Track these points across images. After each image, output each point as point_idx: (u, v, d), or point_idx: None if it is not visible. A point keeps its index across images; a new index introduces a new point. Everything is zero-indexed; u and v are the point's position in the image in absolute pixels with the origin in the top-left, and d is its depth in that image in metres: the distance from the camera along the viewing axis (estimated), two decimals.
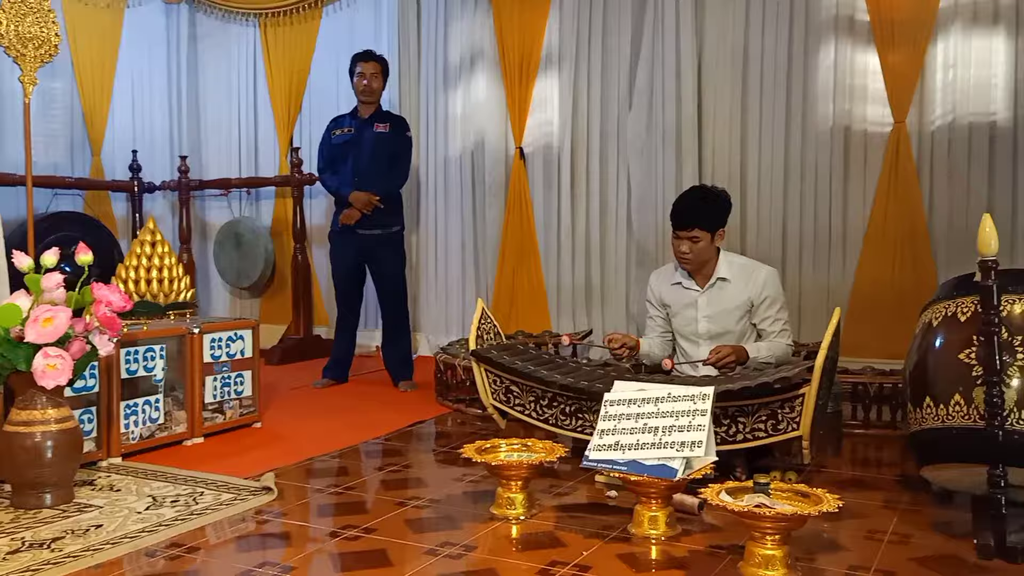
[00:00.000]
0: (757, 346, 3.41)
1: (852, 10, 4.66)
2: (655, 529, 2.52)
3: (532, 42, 5.55)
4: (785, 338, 3.48)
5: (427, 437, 3.93)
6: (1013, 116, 4.33)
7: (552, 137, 5.57)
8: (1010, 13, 4.31)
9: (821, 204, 4.78)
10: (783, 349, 3.45)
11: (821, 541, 2.48)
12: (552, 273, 5.61)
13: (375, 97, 4.94)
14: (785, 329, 3.50)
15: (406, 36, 6.01)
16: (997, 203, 4.35)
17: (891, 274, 4.56)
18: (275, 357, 5.90)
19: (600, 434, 2.69)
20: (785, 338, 3.48)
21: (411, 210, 6.03)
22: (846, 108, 4.70)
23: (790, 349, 3.51)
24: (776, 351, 3.41)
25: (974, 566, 2.29)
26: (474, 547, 2.45)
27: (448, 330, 5.93)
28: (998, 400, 2.28)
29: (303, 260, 6.24)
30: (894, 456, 3.44)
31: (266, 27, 6.61)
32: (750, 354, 3.35)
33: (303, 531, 2.63)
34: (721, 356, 3.29)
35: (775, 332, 3.47)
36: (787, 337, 3.50)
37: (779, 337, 3.46)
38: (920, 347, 2.64)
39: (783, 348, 3.45)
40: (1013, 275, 2.52)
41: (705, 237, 3.44)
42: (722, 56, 4.97)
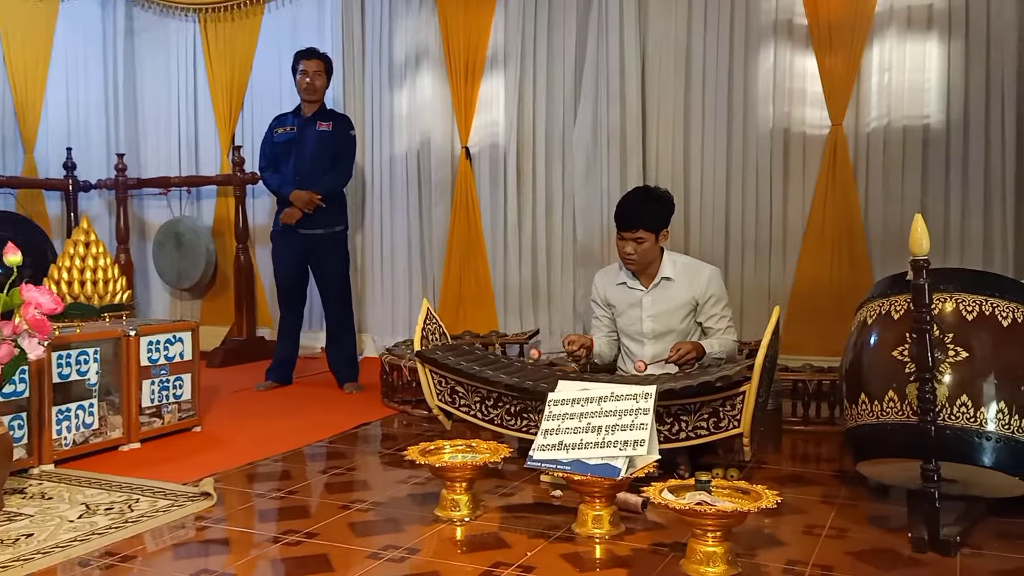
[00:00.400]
0: (710, 343, 3.46)
1: (791, 14, 4.75)
2: (599, 528, 2.53)
3: (477, 41, 5.54)
4: (732, 335, 3.55)
5: (372, 439, 3.90)
6: (946, 119, 4.45)
7: (498, 137, 5.56)
8: (943, 18, 4.43)
9: (762, 204, 4.86)
10: (731, 346, 3.51)
11: (762, 537, 2.52)
12: (499, 273, 5.61)
13: (318, 96, 4.88)
14: (731, 326, 3.56)
15: (350, 34, 5.95)
16: (930, 204, 4.47)
17: (829, 273, 4.66)
18: (217, 359, 5.80)
19: (544, 434, 2.70)
20: (732, 335, 3.55)
21: (356, 210, 5.98)
22: (785, 110, 4.78)
23: (736, 345, 3.58)
24: (726, 348, 3.47)
25: (908, 559, 2.34)
26: (418, 550, 2.44)
27: (394, 331, 5.90)
28: (930, 396, 2.33)
29: (246, 260, 6.14)
30: (832, 452, 3.51)
31: (206, 22, 6.49)
32: (705, 351, 3.40)
33: (243, 537, 2.59)
34: (682, 354, 3.33)
35: (721, 329, 3.52)
36: (733, 334, 3.56)
37: (726, 334, 3.52)
38: (855, 345, 2.70)
39: (731, 345, 3.51)
40: (944, 274, 2.58)
41: (650, 238, 3.46)
42: (665, 57, 5.02)
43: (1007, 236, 4.37)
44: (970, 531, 2.48)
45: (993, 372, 2.42)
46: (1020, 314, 2.49)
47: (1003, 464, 2.41)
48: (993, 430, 2.39)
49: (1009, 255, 4.36)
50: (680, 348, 3.35)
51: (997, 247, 4.38)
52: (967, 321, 2.47)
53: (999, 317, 2.47)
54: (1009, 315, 2.48)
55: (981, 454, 2.39)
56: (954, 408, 2.40)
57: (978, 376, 2.42)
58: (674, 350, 3.36)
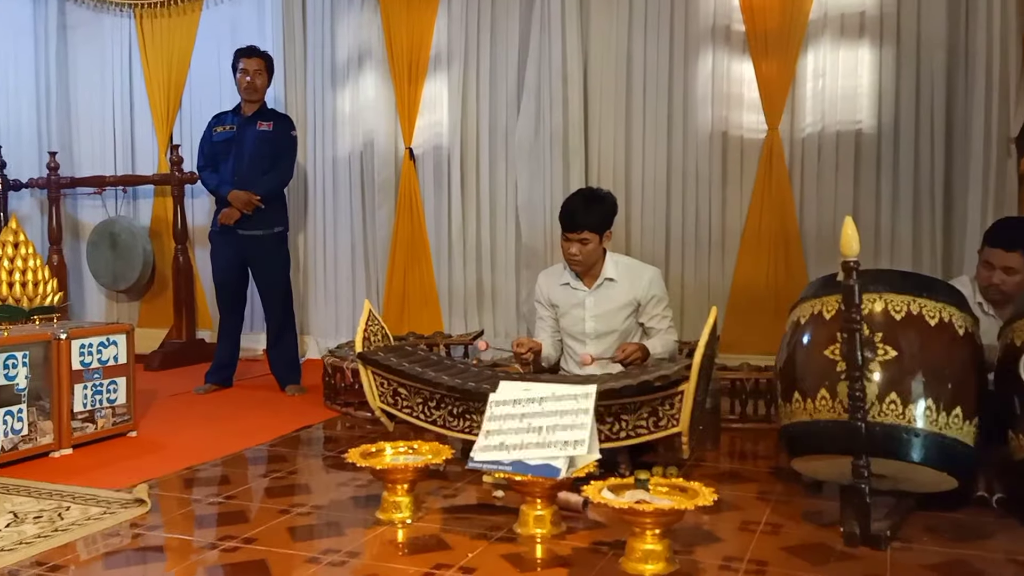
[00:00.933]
0: (653, 343, 3.51)
1: (729, 20, 4.83)
2: (540, 528, 2.54)
3: (421, 42, 5.52)
4: (672, 335, 3.61)
5: (314, 442, 3.86)
6: (877, 124, 4.57)
7: (442, 138, 5.55)
8: (874, 26, 4.55)
9: (701, 206, 4.93)
10: (672, 345, 3.58)
11: (700, 533, 2.56)
12: (443, 274, 5.60)
13: (259, 95, 4.82)
14: (672, 326, 3.63)
15: (291, 32, 5.88)
16: (862, 207, 4.59)
17: (766, 274, 4.75)
18: (155, 362, 5.69)
19: (485, 435, 2.70)
20: (672, 335, 3.61)
21: (298, 210, 5.92)
22: (724, 114, 4.86)
23: (676, 345, 3.64)
24: (668, 347, 3.53)
25: (840, 553, 2.40)
26: (358, 553, 2.42)
27: (337, 332, 5.85)
28: (860, 394, 2.39)
29: (185, 261, 6.03)
30: (769, 449, 3.58)
31: (142, 19, 6.36)
32: (650, 351, 3.45)
33: (179, 544, 2.54)
34: (628, 353, 3.38)
35: (663, 329, 3.58)
36: (674, 334, 3.63)
37: (667, 334, 3.58)
38: (789, 344, 2.76)
39: (672, 344, 3.58)
40: (873, 275, 2.66)
41: (594, 239, 3.50)
42: (607, 60, 5.07)
43: (936, 238, 4.50)
44: (900, 525, 2.55)
45: (921, 370, 2.49)
46: (947, 314, 2.57)
47: (931, 460, 2.48)
48: (921, 426, 2.46)
49: (937, 256, 4.50)
50: (626, 348, 3.40)
51: (926, 248, 4.52)
52: (896, 321, 2.54)
53: (926, 317, 2.55)
54: (936, 315, 2.55)
55: (910, 450, 2.46)
56: (883, 405, 2.47)
57: (906, 374, 2.49)
58: (620, 350, 3.41)
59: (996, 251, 3.09)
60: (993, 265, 3.09)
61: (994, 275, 3.09)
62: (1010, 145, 4.27)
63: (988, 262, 3.11)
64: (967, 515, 2.67)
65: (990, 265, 3.10)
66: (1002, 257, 3.07)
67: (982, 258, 3.15)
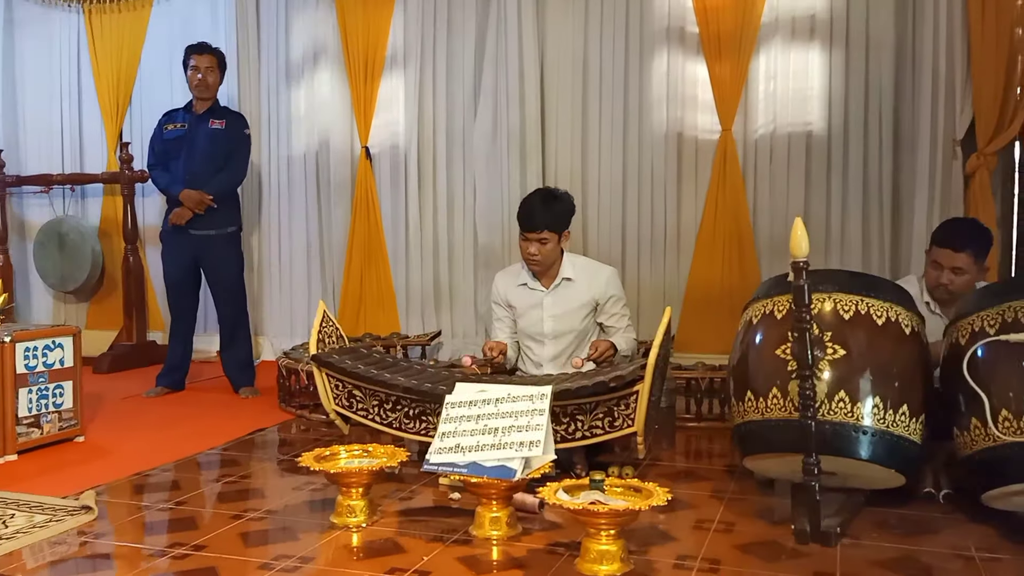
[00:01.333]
0: (617, 341, 3.54)
1: (683, 22, 4.87)
2: (496, 530, 2.54)
3: (377, 40, 5.48)
4: (632, 333, 3.65)
5: (269, 445, 3.81)
6: (827, 126, 4.65)
7: (398, 137, 5.52)
8: (824, 29, 4.62)
9: (657, 206, 4.97)
10: (633, 343, 3.62)
11: (655, 533, 2.58)
12: (400, 274, 5.57)
13: (211, 92, 4.74)
14: (630, 324, 3.66)
15: (244, 29, 5.80)
16: (813, 207, 4.66)
17: (720, 274, 4.80)
18: (104, 365, 5.58)
19: (441, 436, 2.69)
20: (632, 333, 3.65)
21: (252, 210, 5.84)
22: (678, 115, 4.90)
23: (636, 343, 3.68)
24: (630, 345, 3.57)
25: (792, 551, 2.43)
26: (311, 558, 2.40)
27: (293, 334, 5.78)
28: (811, 393, 2.43)
29: (135, 262, 5.91)
30: (723, 448, 3.62)
31: (91, 14, 6.22)
32: (618, 348, 3.49)
33: (127, 552, 2.49)
34: (601, 351, 3.41)
35: (622, 328, 3.61)
36: (632, 332, 3.66)
37: (627, 332, 3.61)
38: (742, 343, 2.79)
39: (633, 342, 3.62)
40: (822, 275, 2.69)
41: (553, 238, 3.51)
42: (563, 60, 5.08)
43: (884, 238, 4.59)
44: (850, 522, 2.59)
45: (869, 369, 2.53)
46: (893, 313, 2.62)
47: (879, 457, 2.52)
48: (869, 424, 2.50)
49: (886, 256, 4.59)
50: (598, 346, 3.44)
51: (875, 248, 4.61)
52: (844, 320, 2.58)
53: (874, 316, 2.59)
54: (883, 314, 2.60)
55: (858, 447, 2.50)
56: (833, 404, 2.50)
57: (855, 373, 2.53)
58: (593, 348, 3.45)
59: (944, 251, 3.15)
60: (942, 265, 3.15)
61: (943, 275, 3.15)
62: (956, 147, 4.37)
63: (937, 262, 3.17)
64: (915, 511, 2.72)
65: (939, 265, 3.16)
66: (950, 257, 3.13)
67: (930, 258, 3.21)
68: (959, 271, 3.13)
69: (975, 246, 3.15)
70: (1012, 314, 2.45)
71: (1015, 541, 2.43)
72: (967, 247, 3.13)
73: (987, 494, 2.49)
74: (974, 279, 3.15)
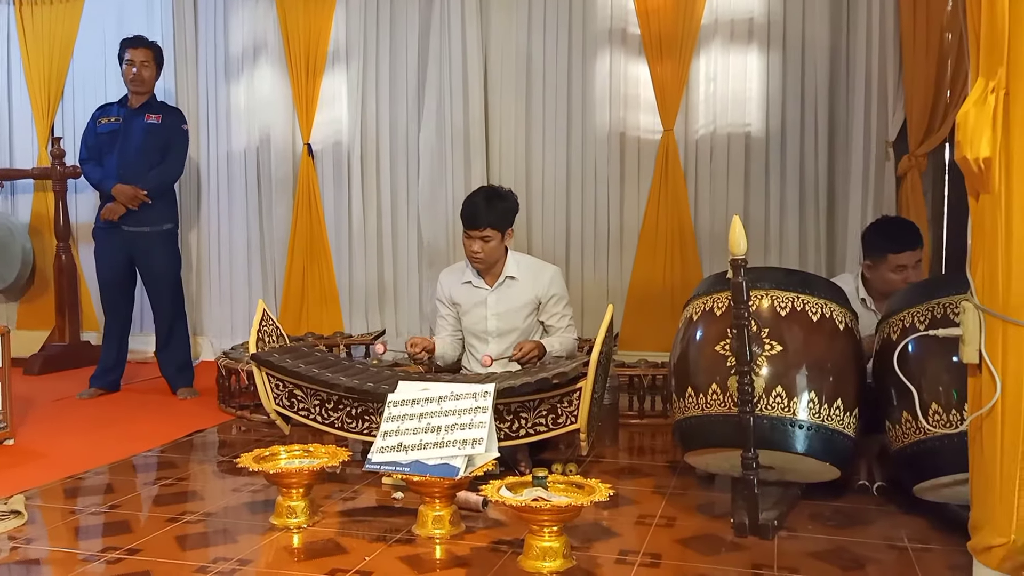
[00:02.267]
0: (550, 341, 3.53)
1: (624, 23, 4.90)
2: (439, 528, 2.53)
3: (318, 36, 5.42)
4: (572, 333, 3.64)
5: (208, 447, 3.75)
6: (765, 127, 4.73)
7: (341, 134, 5.46)
8: (762, 32, 4.70)
9: (600, 205, 5.00)
10: (572, 343, 3.60)
11: (598, 529, 2.60)
12: (343, 273, 5.52)
13: (146, 87, 4.64)
14: (571, 324, 3.67)
15: (182, 22, 5.68)
16: (752, 207, 4.74)
17: (663, 271, 4.85)
18: (36, 366, 5.42)
19: (383, 435, 2.67)
20: (572, 333, 3.64)
21: (191, 207, 5.74)
22: (621, 115, 4.94)
23: (576, 343, 3.67)
24: (567, 346, 3.56)
25: (731, 543, 2.48)
26: (250, 560, 2.36)
27: (233, 333, 5.68)
28: (749, 388, 2.47)
29: (68, 260, 5.75)
30: (665, 444, 3.66)
31: (21, 5, 6.03)
32: (547, 349, 3.46)
33: (58, 557, 2.42)
34: (525, 352, 3.39)
35: (562, 328, 3.61)
36: (573, 332, 3.66)
37: (567, 332, 3.61)
38: (683, 340, 2.82)
39: (572, 343, 3.60)
40: (760, 272, 2.74)
41: (496, 236, 3.51)
42: (507, 59, 5.08)
43: (820, 236, 4.69)
44: (787, 515, 2.65)
45: (804, 364, 2.58)
46: (828, 309, 2.68)
47: (814, 450, 2.57)
48: (804, 418, 2.55)
49: (822, 253, 4.69)
50: (523, 347, 3.41)
51: (811, 246, 4.70)
52: (781, 317, 2.63)
53: (809, 313, 2.64)
54: (818, 311, 2.66)
55: (795, 442, 2.55)
56: (770, 399, 2.55)
57: (791, 368, 2.57)
58: (517, 348, 3.42)
59: (905, 254, 3.26)
60: (906, 266, 3.25)
61: (909, 274, 3.25)
62: (888, 148, 4.49)
63: (901, 265, 3.26)
64: (849, 503, 2.79)
65: (903, 268, 3.26)
66: (912, 256, 3.27)
67: (891, 265, 3.26)
68: (919, 262, 3.30)
69: (921, 237, 3.36)
70: (941, 310, 2.52)
71: (945, 532, 2.49)
72: (919, 241, 3.32)
73: (918, 486, 2.55)
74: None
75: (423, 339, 3.60)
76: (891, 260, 3.27)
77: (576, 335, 3.70)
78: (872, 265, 3.34)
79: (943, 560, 2.33)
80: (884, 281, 3.30)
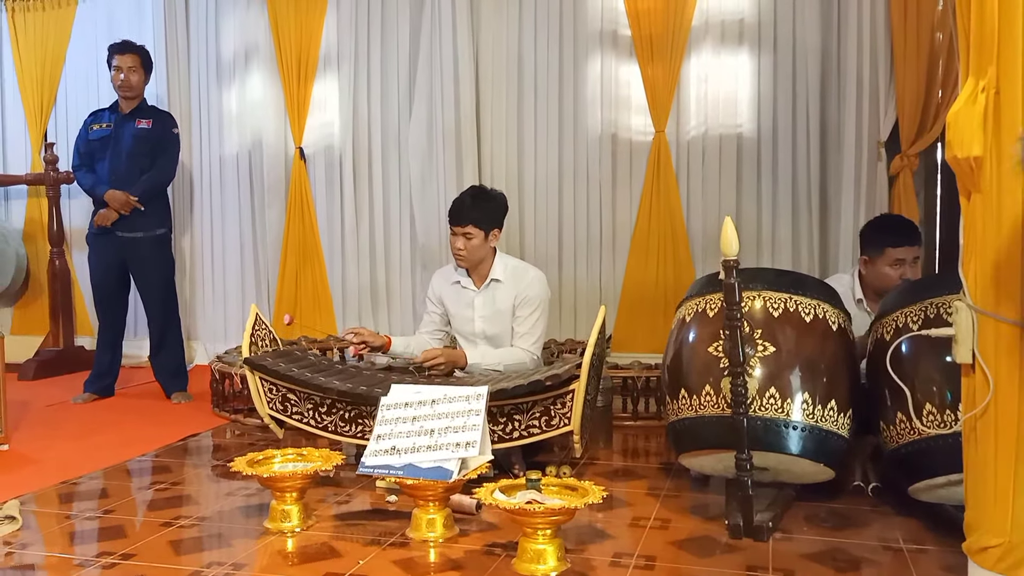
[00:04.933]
0: (484, 352, 3.50)
1: (615, 25, 4.91)
2: (433, 532, 2.53)
3: (310, 41, 5.42)
4: (525, 343, 3.53)
5: (202, 451, 3.74)
6: (756, 128, 4.74)
7: (333, 137, 5.47)
8: (753, 33, 4.71)
9: (592, 207, 5.01)
10: (518, 356, 3.50)
11: (592, 531, 2.59)
12: (336, 276, 5.52)
13: (135, 92, 4.64)
14: (530, 333, 3.54)
15: (173, 28, 5.68)
16: (744, 208, 4.75)
17: (656, 273, 4.86)
18: (30, 372, 5.42)
19: (377, 439, 2.67)
20: (525, 343, 3.53)
21: (184, 212, 5.73)
22: (612, 117, 4.94)
23: (527, 355, 3.53)
24: (507, 358, 3.48)
25: (725, 545, 2.47)
26: (244, 565, 2.35)
27: (227, 337, 5.68)
28: (742, 389, 2.47)
29: (62, 265, 5.75)
30: (659, 445, 3.66)
31: (14, 12, 6.04)
32: (471, 360, 3.44)
33: (53, 562, 2.41)
34: (429, 357, 3.38)
35: (520, 335, 3.54)
36: (528, 342, 3.53)
37: (519, 341, 3.53)
38: (676, 341, 2.82)
39: (518, 355, 3.50)
40: (752, 273, 2.74)
41: (479, 235, 3.51)
42: (498, 61, 5.08)
43: (813, 237, 4.70)
44: (781, 516, 2.64)
45: (797, 365, 2.58)
46: (820, 310, 2.68)
47: (808, 451, 2.57)
48: (799, 419, 2.55)
49: (815, 254, 4.69)
50: (429, 352, 3.41)
51: (804, 247, 4.71)
52: (773, 317, 2.63)
53: (801, 313, 2.64)
54: (811, 311, 2.66)
55: (788, 443, 2.54)
56: (764, 400, 2.55)
57: (784, 369, 2.57)
58: (424, 352, 3.42)
59: (902, 248, 3.29)
60: (904, 261, 3.27)
61: (905, 270, 3.28)
62: (880, 148, 4.51)
63: (900, 260, 3.28)
64: (844, 504, 2.79)
65: (901, 262, 3.28)
66: (909, 251, 3.29)
67: (888, 259, 3.29)
68: (917, 260, 3.33)
69: (920, 235, 3.38)
70: (934, 310, 2.52)
71: (940, 533, 2.49)
72: (918, 238, 3.35)
73: (913, 487, 2.55)
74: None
75: (369, 332, 3.56)
76: (888, 254, 3.28)
77: (532, 345, 3.54)
78: (869, 260, 3.36)
79: (938, 561, 2.32)
80: (880, 276, 3.31)
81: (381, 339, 3.58)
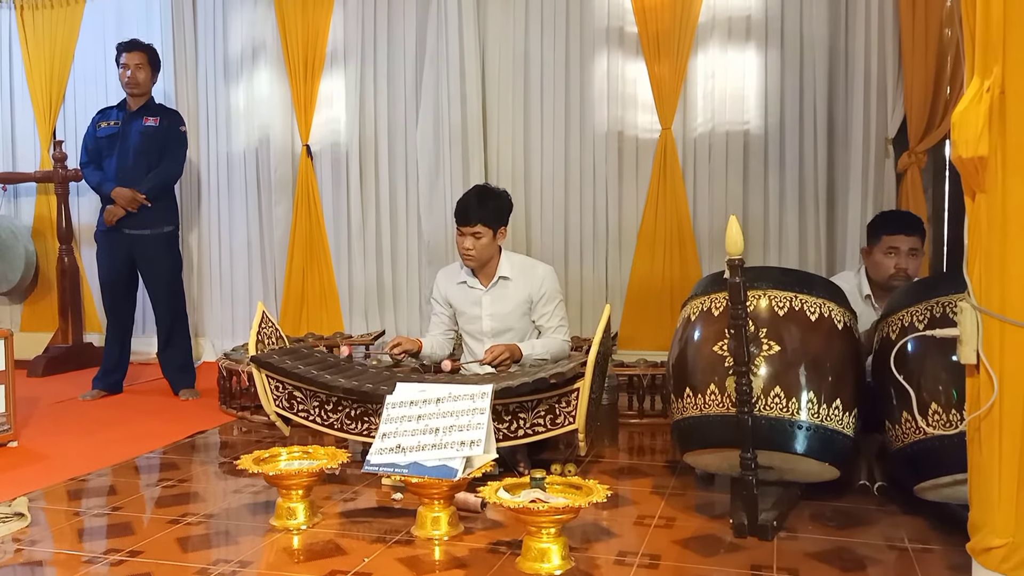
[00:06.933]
0: (532, 343, 3.50)
1: (622, 22, 4.90)
2: (438, 530, 2.54)
3: (316, 38, 5.43)
4: (561, 334, 3.59)
5: (209, 448, 3.76)
6: (764, 125, 4.72)
7: (340, 135, 5.47)
8: (760, 29, 4.69)
9: (599, 204, 5.00)
10: (559, 345, 3.55)
11: (597, 530, 2.60)
12: (343, 273, 5.53)
13: (142, 89, 4.65)
14: (562, 325, 3.61)
15: (181, 25, 5.70)
16: (751, 205, 4.74)
17: (662, 270, 4.85)
18: (39, 368, 5.46)
19: (382, 437, 2.68)
20: (561, 334, 3.59)
21: (191, 209, 5.75)
22: (619, 114, 4.93)
23: (567, 345, 3.61)
24: (552, 348, 3.51)
25: (730, 544, 2.47)
26: (250, 562, 2.37)
27: (234, 334, 5.70)
28: (747, 388, 2.47)
29: (70, 262, 5.78)
30: (665, 443, 3.66)
31: (23, 10, 6.07)
32: (524, 352, 3.43)
33: (61, 559, 2.43)
34: (495, 355, 3.36)
35: (552, 328, 3.58)
36: (563, 333, 3.61)
37: (555, 333, 3.57)
38: (681, 340, 2.82)
39: (559, 344, 3.55)
40: (757, 272, 2.73)
41: (487, 233, 3.50)
42: (504, 58, 5.08)
43: (820, 234, 4.68)
44: (786, 515, 2.64)
45: (803, 364, 2.58)
46: (826, 309, 2.67)
47: (814, 451, 2.57)
48: (804, 419, 2.55)
49: (822, 251, 4.67)
50: (494, 350, 3.38)
51: (811, 244, 4.69)
52: (779, 316, 2.62)
53: (807, 312, 2.64)
54: (816, 310, 2.65)
55: (794, 442, 2.55)
56: (769, 399, 2.54)
57: (789, 368, 2.57)
58: (488, 352, 3.40)
59: (898, 236, 3.26)
60: (900, 250, 3.25)
61: (900, 260, 3.24)
62: (888, 145, 4.49)
63: (894, 248, 3.26)
64: (849, 503, 2.78)
65: (896, 250, 3.25)
66: (905, 241, 3.26)
67: (883, 247, 3.27)
68: (915, 252, 3.27)
69: (921, 229, 3.33)
70: (940, 309, 2.51)
71: (946, 532, 2.49)
72: (917, 230, 3.29)
73: (919, 486, 2.55)
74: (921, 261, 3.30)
75: (408, 339, 3.59)
76: (884, 241, 3.27)
77: (567, 336, 3.63)
78: (868, 250, 3.35)
79: (943, 560, 2.32)
80: (875, 265, 3.30)
81: (417, 343, 3.59)
